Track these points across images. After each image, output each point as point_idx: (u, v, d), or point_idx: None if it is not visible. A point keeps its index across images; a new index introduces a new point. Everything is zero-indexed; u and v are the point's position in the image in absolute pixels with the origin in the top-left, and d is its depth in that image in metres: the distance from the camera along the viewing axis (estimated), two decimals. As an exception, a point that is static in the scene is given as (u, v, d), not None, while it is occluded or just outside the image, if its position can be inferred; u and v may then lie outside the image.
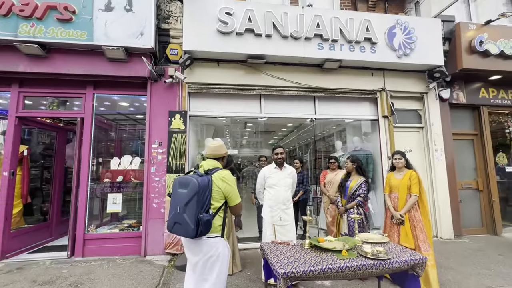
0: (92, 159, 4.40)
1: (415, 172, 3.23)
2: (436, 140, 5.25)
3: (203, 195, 1.92)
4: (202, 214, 1.87)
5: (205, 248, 1.96)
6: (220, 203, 2.04)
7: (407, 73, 5.27)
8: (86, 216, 4.15)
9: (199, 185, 1.91)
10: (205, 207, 1.92)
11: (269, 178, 3.22)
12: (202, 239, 1.97)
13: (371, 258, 2.00)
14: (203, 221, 1.85)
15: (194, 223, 1.84)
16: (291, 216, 3.16)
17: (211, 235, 1.98)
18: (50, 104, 4.48)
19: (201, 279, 1.98)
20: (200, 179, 1.96)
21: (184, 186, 1.95)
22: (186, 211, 1.87)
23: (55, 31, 3.96)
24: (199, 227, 1.84)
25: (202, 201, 1.90)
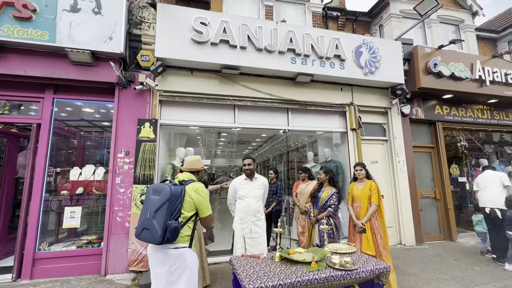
0: (48, 169, 4.02)
1: (374, 183, 3.43)
2: (399, 152, 5.62)
3: (174, 203, 1.96)
4: (170, 221, 1.89)
5: (171, 258, 1.97)
6: (191, 214, 2.08)
7: (373, 89, 5.63)
8: (37, 232, 3.74)
9: (171, 193, 1.95)
10: (174, 215, 1.95)
11: (240, 190, 3.18)
12: (170, 249, 1.97)
13: (339, 269, 2.03)
14: (171, 227, 1.87)
15: (162, 229, 1.85)
16: (262, 228, 3.13)
17: (178, 245, 1.99)
18: (1, 107, 4.05)
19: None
20: (173, 187, 2.01)
21: (157, 193, 1.98)
22: (155, 216, 1.90)
23: (11, 29, 3.64)
24: (166, 233, 1.86)
25: (172, 209, 1.94)
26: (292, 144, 7.70)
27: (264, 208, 5.11)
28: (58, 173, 4.31)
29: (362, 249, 3.34)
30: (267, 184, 3.35)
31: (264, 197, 3.33)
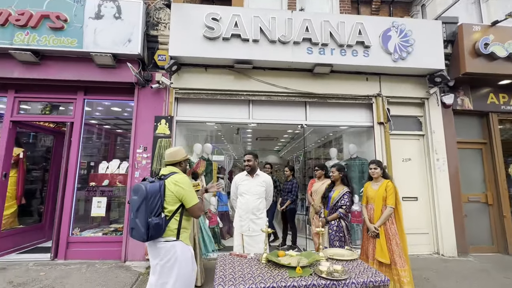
0: (81, 163, 4.49)
1: (391, 183, 3.04)
2: (438, 149, 4.90)
3: (152, 200, 1.99)
4: (151, 218, 1.95)
5: (162, 252, 2.03)
6: (175, 207, 2.10)
7: (406, 78, 4.99)
8: (70, 219, 4.21)
9: (146, 191, 1.99)
10: (155, 212, 1.99)
11: (240, 186, 3.10)
12: (160, 243, 2.04)
13: (324, 277, 1.82)
14: (152, 224, 1.94)
15: (144, 227, 1.93)
16: (261, 226, 2.99)
17: (168, 238, 2.05)
18: (44, 108, 4.65)
19: (162, 282, 2.02)
20: (149, 185, 2.04)
21: (136, 193, 2.04)
22: (138, 216, 1.97)
23: (47, 39, 4.12)
24: (149, 231, 1.94)
25: (151, 206, 1.98)
26: (318, 140, 7.33)
27: (278, 205, 5.03)
28: (89, 167, 4.80)
29: (375, 256, 3.00)
30: (269, 181, 3.19)
31: (268, 195, 3.19)
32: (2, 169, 4.21)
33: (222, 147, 8.10)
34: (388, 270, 2.99)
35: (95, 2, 4.24)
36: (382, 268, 3.01)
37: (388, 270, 2.99)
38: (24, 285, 3.21)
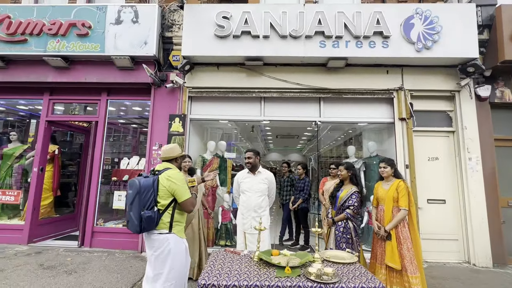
0: (105, 159, 4.85)
1: (403, 183, 2.80)
2: (470, 147, 4.40)
3: (145, 195, 2.08)
4: (144, 211, 2.04)
5: (156, 243, 2.12)
6: (168, 201, 2.18)
7: (432, 69, 4.56)
8: (95, 210, 4.57)
9: (140, 186, 2.08)
10: (148, 205, 2.08)
11: (242, 183, 3.09)
12: (154, 235, 2.13)
13: (312, 280, 1.74)
14: (144, 217, 2.03)
15: (137, 219, 2.02)
16: (264, 224, 2.95)
17: (161, 231, 2.13)
18: (73, 109, 5.09)
19: (157, 272, 2.12)
20: (143, 180, 2.13)
21: (130, 187, 2.15)
22: (132, 209, 2.07)
23: (75, 45, 4.50)
24: (142, 223, 2.03)
25: (144, 200, 2.07)
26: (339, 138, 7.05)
27: (290, 204, 4.93)
28: (114, 163, 5.15)
29: (385, 260, 2.80)
30: (271, 179, 3.12)
31: (270, 193, 3.14)
32: (39, 163, 4.71)
33: (241, 145, 8.17)
34: (399, 277, 2.78)
35: (115, 9, 4.52)
36: (393, 274, 2.81)
37: (399, 276, 2.78)
38: (52, 268, 3.56)
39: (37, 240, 4.64)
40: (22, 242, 4.46)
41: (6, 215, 4.94)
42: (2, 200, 4.81)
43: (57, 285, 3.11)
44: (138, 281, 3.30)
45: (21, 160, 5.16)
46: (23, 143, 5.35)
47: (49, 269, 3.52)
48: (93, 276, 3.36)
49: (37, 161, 4.71)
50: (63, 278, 3.27)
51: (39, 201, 4.75)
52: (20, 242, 4.47)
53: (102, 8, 4.54)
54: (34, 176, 4.67)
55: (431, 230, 4.38)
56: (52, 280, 3.21)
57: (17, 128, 5.95)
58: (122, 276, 3.41)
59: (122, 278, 3.34)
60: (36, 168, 4.69)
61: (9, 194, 4.82)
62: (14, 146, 5.17)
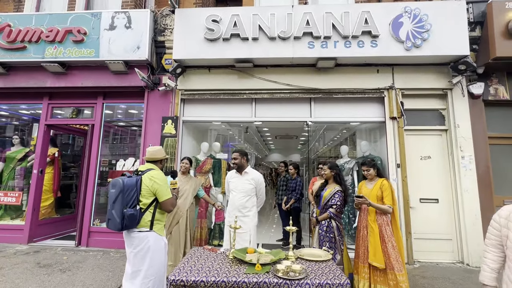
0: (102, 161, 4.99)
1: (386, 181, 2.82)
2: (463, 145, 4.35)
3: (128, 193, 2.16)
4: (126, 209, 2.11)
5: (136, 241, 2.19)
6: (150, 200, 2.26)
7: (423, 67, 4.53)
8: (91, 211, 4.71)
9: (123, 185, 2.15)
10: (130, 204, 2.16)
11: (230, 183, 3.15)
12: (134, 233, 2.20)
13: (279, 276, 1.79)
14: (127, 215, 2.11)
15: (119, 217, 2.10)
16: (247, 224, 3.00)
17: (141, 229, 2.21)
18: (71, 113, 5.26)
19: (136, 269, 2.19)
20: (126, 179, 2.20)
21: (113, 187, 2.21)
22: (114, 207, 2.13)
23: (71, 51, 4.65)
24: (124, 221, 2.10)
25: (127, 199, 2.15)
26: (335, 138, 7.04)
27: (283, 204, 4.96)
28: (111, 164, 5.29)
29: (368, 260, 2.81)
30: (259, 179, 3.13)
31: (259, 193, 3.16)
32: (39, 166, 4.88)
33: (239, 146, 8.24)
34: (383, 275, 2.78)
35: (109, 15, 4.66)
36: (376, 273, 2.81)
37: (382, 275, 2.78)
38: (48, 267, 3.70)
39: (37, 240, 4.80)
40: (22, 242, 4.63)
41: (8, 216, 5.13)
42: (4, 201, 5.00)
43: (50, 282, 3.23)
44: (128, 279, 3.38)
45: (23, 163, 5.35)
46: (25, 146, 5.55)
47: (45, 267, 3.66)
48: (85, 274, 3.48)
49: (37, 163, 4.88)
50: (57, 276, 3.40)
51: (39, 202, 4.91)
52: (20, 242, 4.64)
53: (96, 14, 4.69)
54: (34, 178, 4.84)
55: (424, 230, 4.34)
56: (46, 278, 3.33)
57: (20, 132, 6.17)
58: (113, 274, 3.51)
59: (113, 276, 3.44)
60: (36, 170, 4.86)
61: (11, 196, 5.00)
62: (16, 149, 5.37)
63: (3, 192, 5.04)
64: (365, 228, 2.89)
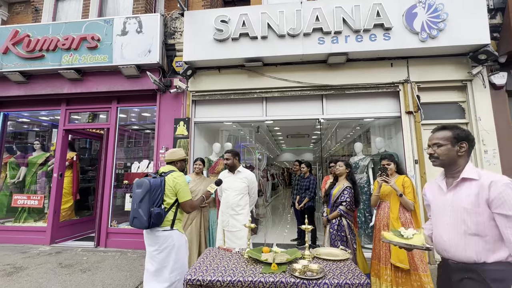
0: (118, 163, 5.12)
1: (408, 178, 2.70)
2: (486, 139, 4.14)
3: (154, 193, 2.24)
4: (153, 208, 2.20)
5: (161, 239, 2.27)
6: (172, 200, 2.35)
7: (441, 59, 4.35)
8: (109, 212, 4.82)
9: (150, 185, 2.24)
10: (156, 203, 2.24)
11: (224, 182, 3.15)
12: (158, 232, 2.28)
13: (296, 276, 1.75)
14: (154, 213, 2.19)
15: (146, 215, 2.18)
16: (241, 222, 2.98)
17: (165, 228, 2.30)
18: (87, 118, 5.42)
19: (160, 267, 2.27)
20: (152, 180, 2.29)
21: (139, 187, 2.29)
22: (140, 206, 2.21)
23: (86, 58, 4.80)
24: (151, 219, 2.18)
25: (153, 198, 2.23)
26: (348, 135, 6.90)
27: (296, 204, 4.90)
28: (127, 167, 5.41)
29: (390, 259, 2.70)
30: (251, 178, 3.16)
31: (251, 192, 3.18)
32: (58, 169, 5.06)
33: (251, 146, 8.24)
34: (406, 277, 2.67)
35: (121, 21, 4.77)
36: (399, 274, 2.70)
37: (405, 276, 2.67)
38: (69, 267, 3.81)
39: (58, 241, 4.98)
40: (45, 243, 4.82)
41: (32, 218, 5.35)
42: (28, 204, 5.22)
43: (71, 282, 3.33)
44: (145, 279, 3.44)
45: (44, 167, 5.56)
46: (46, 151, 5.77)
47: (66, 268, 3.78)
48: (104, 274, 3.56)
49: (57, 167, 5.06)
50: (77, 276, 3.50)
51: (59, 205, 5.09)
52: (43, 243, 4.82)
53: (109, 21, 4.81)
54: (54, 182, 5.03)
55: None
56: (68, 278, 3.44)
57: (41, 137, 6.42)
58: (131, 274, 3.58)
59: (130, 276, 3.51)
60: (56, 174, 5.04)
61: (33, 199, 5.22)
62: (37, 154, 5.59)
63: (27, 195, 5.27)
64: (386, 227, 2.77)
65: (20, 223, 5.18)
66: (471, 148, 1.47)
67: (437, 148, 1.50)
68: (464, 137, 1.45)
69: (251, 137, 7.29)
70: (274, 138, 10.94)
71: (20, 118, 6.04)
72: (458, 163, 1.47)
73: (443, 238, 1.46)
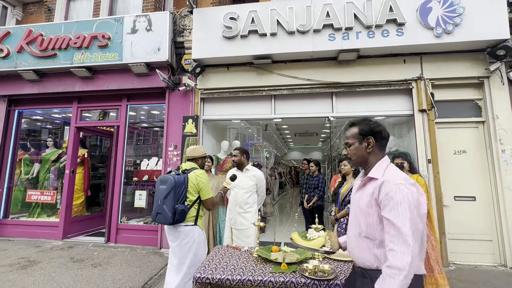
0: (128, 161, 5.18)
1: (422, 178, 2.62)
2: (504, 138, 3.99)
3: (178, 190, 2.30)
4: (178, 205, 2.28)
5: (182, 234, 2.34)
6: (195, 197, 2.41)
7: (456, 55, 4.21)
8: (119, 209, 4.89)
9: (175, 182, 2.30)
10: (180, 199, 2.30)
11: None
12: (180, 227, 2.33)
13: (306, 276, 1.71)
14: (179, 210, 2.26)
15: (171, 212, 2.24)
16: (249, 220, 2.97)
17: (187, 223, 2.37)
18: (98, 115, 5.50)
19: (182, 261, 2.33)
20: (176, 177, 2.35)
21: (164, 183, 2.35)
22: (165, 203, 2.27)
23: (97, 56, 4.86)
24: (175, 215, 2.25)
25: (178, 195, 2.29)
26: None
27: (305, 203, 4.85)
28: (136, 164, 5.47)
29: None
30: (260, 176, 3.17)
31: (259, 190, 3.18)
32: (70, 166, 5.16)
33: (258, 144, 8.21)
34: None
35: (131, 19, 4.80)
36: None
37: None
38: (81, 261, 3.89)
39: (70, 236, 5.09)
40: (57, 238, 4.93)
41: (45, 213, 5.48)
42: (41, 200, 5.34)
43: (83, 276, 3.39)
44: (154, 275, 3.48)
45: (56, 164, 5.68)
46: (58, 148, 5.89)
47: (78, 262, 3.85)
48: (115, 270, 3.61)
49: (69, 164, 5.16)
50: (88, 271, 3.56)
51: (71, 201, 5.20)
52: (56, 238, 4.94)
53: (119, 19, 4.85)
54: (66, 178, 5.13)
55: (459, 230, 4.04)
56: (79, 272, 3.51)
57: (54, 134, 6.57)
58: (141, 270, 3.62)
59: (140, 272, 3.55)
60: (68, 171, 5.14)
61: (46, 194, 5.34)
62: (50, 151, 5.72)
63: (40, 191, 5.40)
64: None
65: (34, 218, 5.32)
66: (383, 141, 1.35)
67: (348, 148, 1.39)
68: (368, 131, 1.33)
69: (259, 135, 7.26)
70: (282, 137, 10.87)
71: (33, 115, 6.18)
72: (369, 161, 1.34)
73: (348, 240, 1.39)
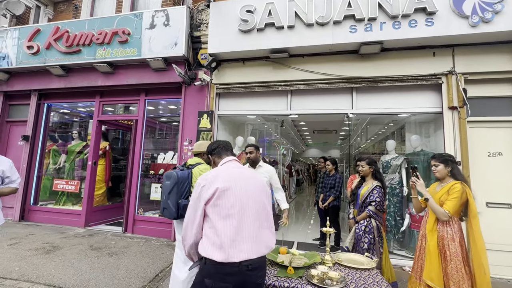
0: (146, 154, 5.31)
1: (459, 185, 2.23)
2: (548, 140, 3.55)
3: (182, 185, 2.33)
4: (181, 200, 2.29)
5: None
6: None
7: (494, 47, 3.80)
8: (136, 201, 5.04)
9: (178, 177, 2.33)
10: (184, 195, 2.33)
11: None
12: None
13: (312, 283, 1.61)
14: (182, 205, 2.29)
15: (175, 206, 2.29)
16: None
17: None
18: (119, 109, 5.67)
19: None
20: (180, 172, 2.38)
21: (168, 179, 2.39)
22: (169, 198, 2.31)
23: (117, 51, 4.98)
24: (179, 210, 2.28)
25: (181, 190, 2.32)
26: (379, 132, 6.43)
27: (320, 202, 4.68)
28: (153, 157, 5.60)
29: (423, 276, 2.34)
30: (270, 170, 3.17)
31: (274, 182, 3.16)
32: (92, 158, 5.39)
33: (275, 140, 8.09)
34: None
35: (150, 14, 4.86)
36: None
37: None
38: (99, 249, 4.05)
39: (92, 224, 5.34)
40: (80, 225, 5.19)
41: (70, 202, 5.80)
42: (66, 189, 5.65)
43: (99, 264, 3.52)
44: (166, 268, 3.53)
45: (81, 155, 5.97)
46: (83, 140, 6.19)
47: (95, 250, 4.02)
48: (129, 260, 3.72)
49: (91, 155, 5.40)
50: (105, 259, 3.70)
51: (93, 191, 5.44)
52: (78, 225, 5.21)
53: (138, 15, 4.93)
54: (89, 169, 5.37)
55: (492, 240, 3.65)
56: (96, 260, 3.65)
57: (79, 127, 6.90)
58: (153, 261, 3.70)
59: (153, 263, 3.62)
60: (90, 162, 5.38)
61: (71, 184, 5.64)
62: (75, 143, 6.02)
63: (65, 180, 5.71)
64: (424, 238, 2.41)
65: (60, 206, 5.65)
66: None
67: None
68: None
69: (275, 131, 7.13)
70: (300, 133, 10.64)
71: (61, 109, 6.53)
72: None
73: None
